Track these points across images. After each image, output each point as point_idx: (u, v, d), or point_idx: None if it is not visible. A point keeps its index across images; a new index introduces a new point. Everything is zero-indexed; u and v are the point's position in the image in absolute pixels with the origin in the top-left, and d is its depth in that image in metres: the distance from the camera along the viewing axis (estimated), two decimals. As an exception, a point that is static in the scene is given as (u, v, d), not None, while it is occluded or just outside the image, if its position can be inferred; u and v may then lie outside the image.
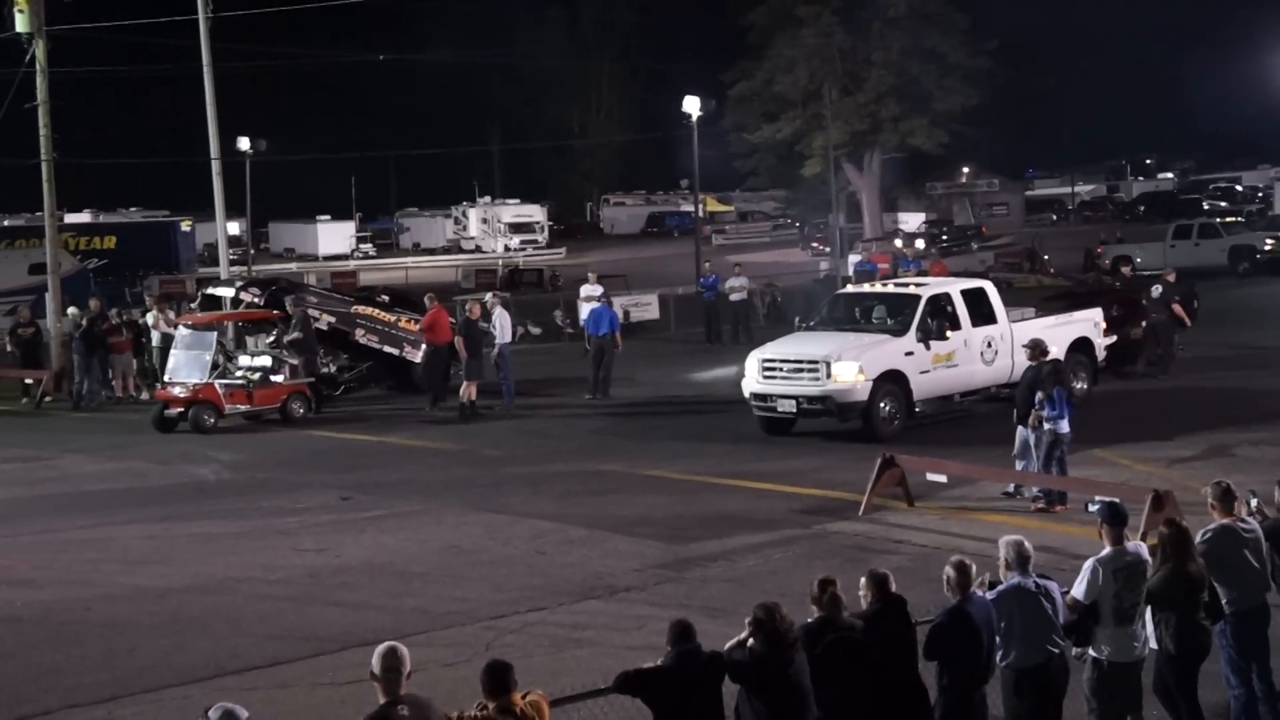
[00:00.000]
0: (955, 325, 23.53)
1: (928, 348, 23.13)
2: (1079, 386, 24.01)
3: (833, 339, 23.47)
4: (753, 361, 23.64)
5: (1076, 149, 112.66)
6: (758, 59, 70.73)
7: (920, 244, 59.56)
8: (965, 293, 24.30)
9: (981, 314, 24.05)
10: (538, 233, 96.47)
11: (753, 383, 23.53)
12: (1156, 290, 29.25)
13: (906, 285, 25.60)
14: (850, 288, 28.77)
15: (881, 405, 22.58)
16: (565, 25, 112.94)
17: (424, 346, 28.96)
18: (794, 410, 23.07)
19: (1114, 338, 26.69)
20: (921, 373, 23.11)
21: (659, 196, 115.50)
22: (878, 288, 26.76)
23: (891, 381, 22.72)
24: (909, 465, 17.98)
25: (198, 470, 22.89)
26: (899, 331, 23.27)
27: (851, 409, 22.52)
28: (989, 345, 23.83)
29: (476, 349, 27.45)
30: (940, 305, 23.69)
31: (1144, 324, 28.89)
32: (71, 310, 34.39)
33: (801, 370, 22.91)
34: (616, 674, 8.47)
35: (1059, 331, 24.34)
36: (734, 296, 38.91)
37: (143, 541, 18.03)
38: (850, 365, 22.45)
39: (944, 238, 64.94)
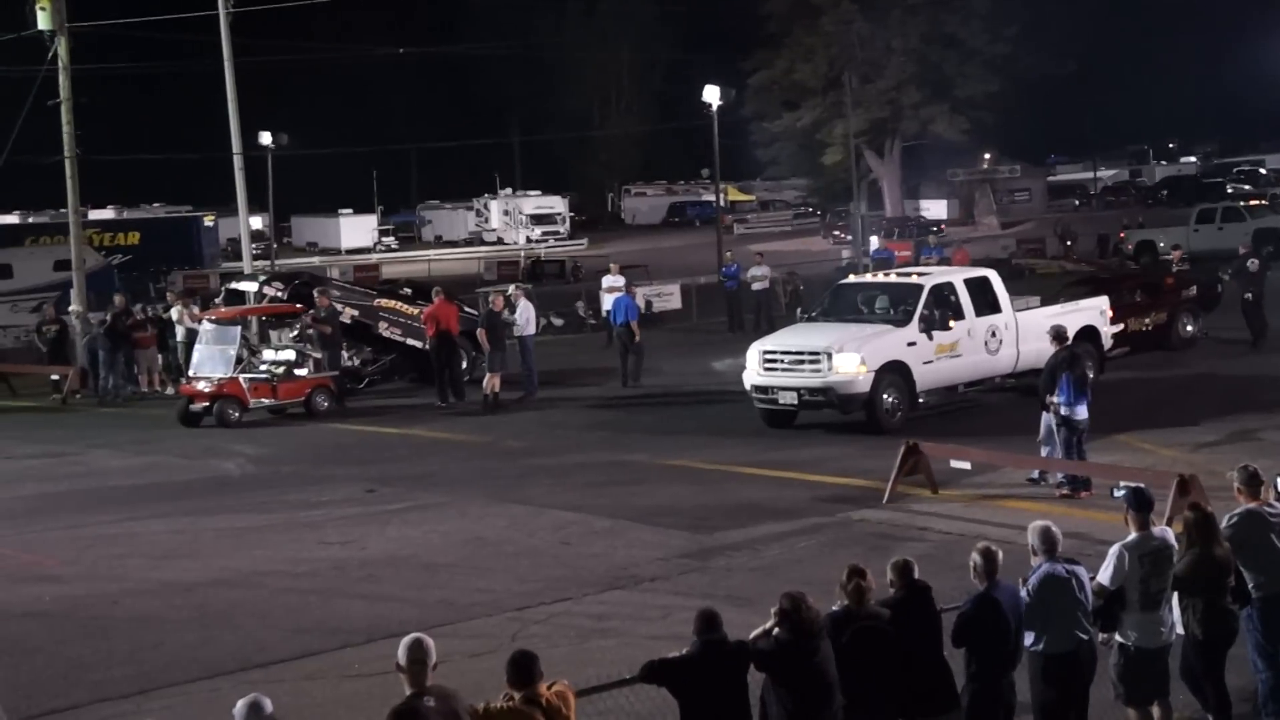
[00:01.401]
0: (959, 315, 23.16)
1: (930, 338, 22.76)
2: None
3: (834, 330, 23.16)
4: (754, 353, 23.39)
5: (1098, 134, 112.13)
6: (777, 48, 70.62)
7: (875, 241, 59.66)
8: (969, 282, 23.92)
9: (986, 303, 23.69)
10: (559, 224, 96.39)
11: (754, 375, 23.25)
12: (1254, 264, 29.37)
13: (909, 275, 25.28)
14: (853, 278, 28.22)
15: (884, 397, 22.25)
16: (584, 16, 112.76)
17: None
18: (795, 402, 22.77)
19: (1121, 326, 26.46)
20: (924, 363, 22.74)
21: (680, 186, 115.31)
22: (880, 278, 26.38)
23: (894, 372, 22.37)
24: (933, 452, 17.94)
25: (223, 464, 22.99)
26: (901, 322, 22.89)
27: (853, 401, 22.22)
28: (993, 335, 23.48)
29: (499, 341, 27.47)
30: (943, 295, 23.31)
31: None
32: (74, 308, 34.78)
33: (803, 362, 22.63)
34: (642, 664, 8.48)
35: (1066, 320, 23.79)
36: (756, 285, 38.89)
37: (169, 536, 18.12)
38: (852, 356, 22.14)
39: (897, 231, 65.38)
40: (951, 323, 22.98)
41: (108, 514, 19.49)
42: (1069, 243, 51.13)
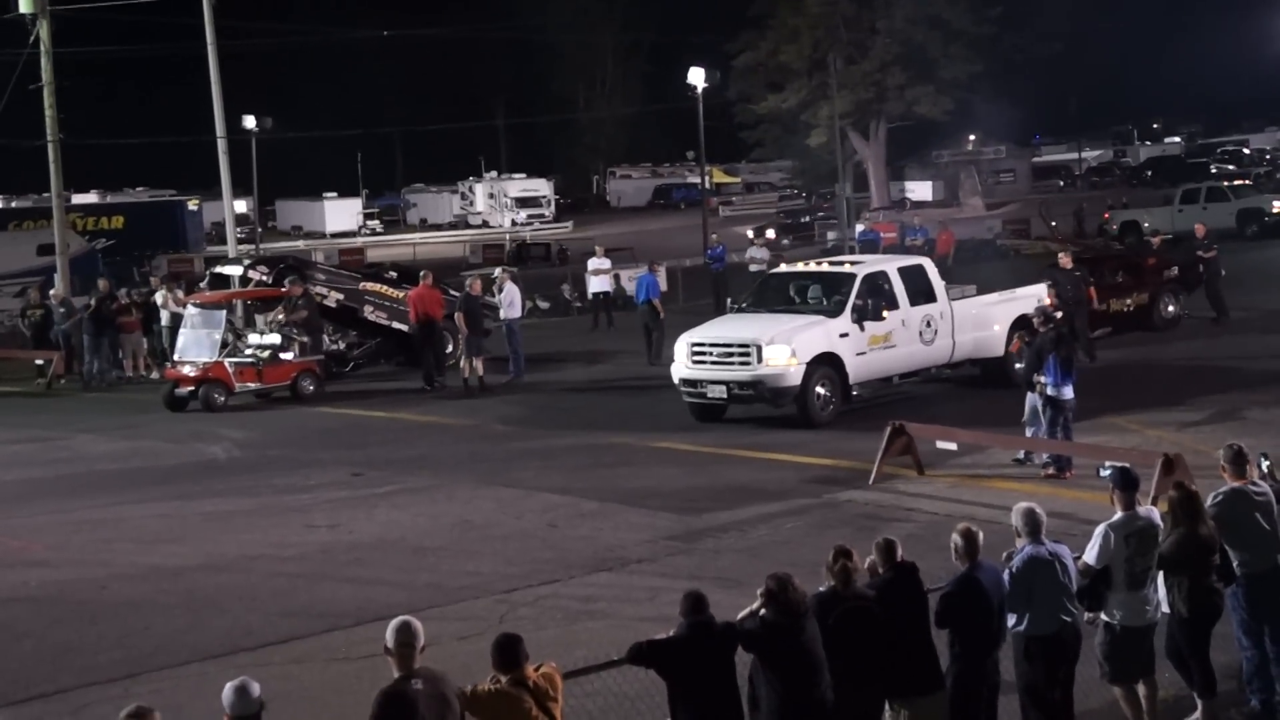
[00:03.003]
0: (892, 304, 22.50)
1: (863, 329, 22.08)
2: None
3: (764, 321, 22.38)
4: (682, 345, 22.63)
5: (1083, 114, 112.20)
6: (762, 29, 70.42)
7: (771, 233, 59.59)
8: (903, 270, 23.31)
9: (920, 292, 23.02)
10: (544, 207, 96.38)
11: (682, 368, 22.48)
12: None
13: (841, 264, 24.63)
14: (784, 266, 27.18)
15: (816, 390, 21.55)
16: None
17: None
18: (725, 396, 22.02)
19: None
20: (857, 355, 22.05)
21: (665, 169, 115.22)
22: (811, 266, 25.32)
23: (826, 365, 21.65)
24: (919, 433, 17.97)
25: (209, 449, 22.95)
26: (833, 312, 22.15)
27: (784, 394, 21.50)
28: (928, 325, 22.88)
29: (477, 324, 27.42)
30: (876, 284, 22.61)
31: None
32: (53, 292, 34.81)
33: (732, 355, 21.89)
34: (629, 645, 8.49)
35: (1003, 308, 23.59)
36: (754, 268, 38.79)
37: (156, 520, 18.10)
38: (782, 349, 21.41)
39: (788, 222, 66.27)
40: (885, 313, 22.25)
41: (94, 499, 19.46)
42: (1054, 224, 51.02)
